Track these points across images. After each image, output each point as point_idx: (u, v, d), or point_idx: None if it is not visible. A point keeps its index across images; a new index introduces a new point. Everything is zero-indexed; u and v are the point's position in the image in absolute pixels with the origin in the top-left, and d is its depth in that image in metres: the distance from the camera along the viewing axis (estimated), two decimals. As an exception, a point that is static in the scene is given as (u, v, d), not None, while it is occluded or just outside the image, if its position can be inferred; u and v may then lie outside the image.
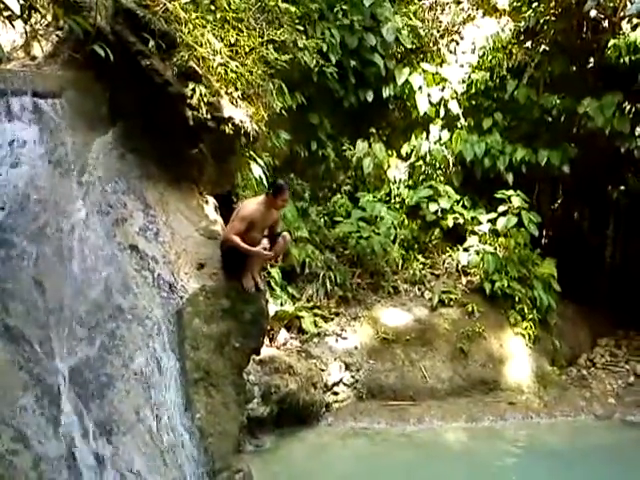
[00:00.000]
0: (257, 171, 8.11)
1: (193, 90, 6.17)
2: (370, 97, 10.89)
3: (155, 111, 6.28)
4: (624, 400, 9.81)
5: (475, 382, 9.42)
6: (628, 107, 10.34)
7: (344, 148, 10.92)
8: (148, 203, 6.12)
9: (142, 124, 6.25)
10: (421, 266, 10.56)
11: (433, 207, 10.81)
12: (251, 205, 6.05)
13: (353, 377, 8.45)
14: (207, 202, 6.95)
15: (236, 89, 6.68)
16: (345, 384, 8.34)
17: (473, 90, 11.25)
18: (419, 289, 10.19)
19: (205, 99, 6.23)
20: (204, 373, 5.51)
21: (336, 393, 8.20)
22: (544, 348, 10.32)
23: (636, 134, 10.59)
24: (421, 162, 11.27)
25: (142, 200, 6.07)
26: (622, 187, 11.34)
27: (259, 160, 8.21)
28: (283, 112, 8.27)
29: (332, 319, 8.38)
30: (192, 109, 6.21)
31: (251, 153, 7.91)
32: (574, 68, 11.09)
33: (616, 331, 11.68)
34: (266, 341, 7.87)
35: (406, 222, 10.84)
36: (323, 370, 8.12)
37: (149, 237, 5.87)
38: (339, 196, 10.91)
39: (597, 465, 7.60)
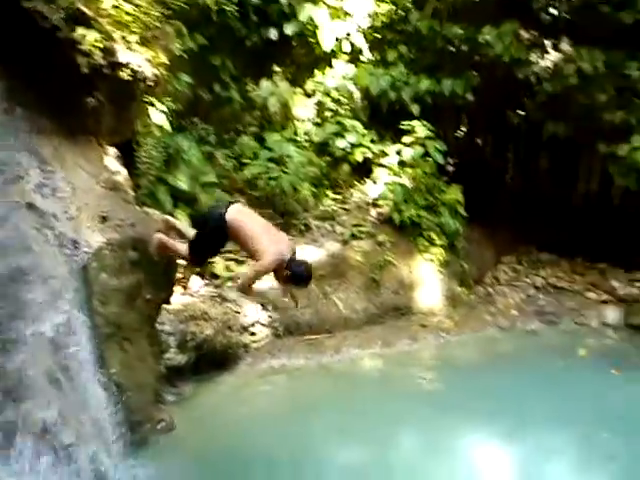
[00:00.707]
0: (158, 117, 7.91)
1: (84, 35, 5.87)
2: (274, 35, 10.70)
3: (43, 59, 5.90)
4: (525, 311, 10.78)
5: (388, 309, 9.87)
6: (525, 35, 10.62)
7: (248, 89, 10.74)
8: (44, 159, 5.86)
9: (30, 74, 5.94)
10: (332, 202, 10.73)
11: (341, 143, 10.91)
12: (274, 258, 5.59)
13: (270, 317, 8.61)
14: (107, 153, 6.77)
15: (132, 33, 6.40)
16: (262, 324, 8.49)
17: (378, 23, 11.24)
18: (330, 225, 10.36)
19: (98, 44, 5.94)
20: (115, 328, 5.50)
21: (253, 333, 8.34)
22: (453, 271, 10.87)
23: (532, 61, 10.94)
24: (327, 98, 11.27)
25: (37, 156, 5.82)
26: (522, 112, 11.75)
27: (160, 105, 7.99)
28: (183, 55, 8.03)
29: (244, 262, 8.42)
30: (85, 55, 5.87)
31: (151, 99, 7.69)
32: (476, -3, 11.23)
33: (518, 248, 12.44)
34: (179, 289, 7.91)
35: (315, 159, 10.87)
36: (238, 313, 8.22)
37: (46, 194, 5.63)
38: (245, 138, 10.75)
39: (503, 371, 8.43)
